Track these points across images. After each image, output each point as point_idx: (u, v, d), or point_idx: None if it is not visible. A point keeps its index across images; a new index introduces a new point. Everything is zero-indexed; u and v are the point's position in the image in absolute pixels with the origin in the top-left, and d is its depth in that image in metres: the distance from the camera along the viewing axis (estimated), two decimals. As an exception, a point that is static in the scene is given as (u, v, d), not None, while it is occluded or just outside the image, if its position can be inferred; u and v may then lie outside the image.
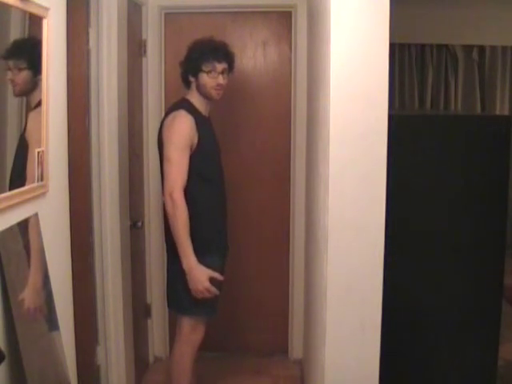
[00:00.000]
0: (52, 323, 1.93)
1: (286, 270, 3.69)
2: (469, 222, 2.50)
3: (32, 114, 1.88)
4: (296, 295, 3.66)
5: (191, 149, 2.57)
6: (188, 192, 2.55)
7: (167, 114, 2.65)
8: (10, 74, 1.73)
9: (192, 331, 2.68)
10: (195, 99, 2.69)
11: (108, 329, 2.87)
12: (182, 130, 2.55)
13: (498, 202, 2.50)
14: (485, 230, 2.50)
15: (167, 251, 2.73)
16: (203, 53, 2.67)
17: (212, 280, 2.58)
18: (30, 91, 1.86)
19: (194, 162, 2.56)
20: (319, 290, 2.30)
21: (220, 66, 2.67)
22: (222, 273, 2.69)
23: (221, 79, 2.67)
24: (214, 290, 2.55)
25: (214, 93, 2.68)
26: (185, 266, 2.52)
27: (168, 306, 2.81)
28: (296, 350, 3.69)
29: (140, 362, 3.33)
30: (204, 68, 2.64)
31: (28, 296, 1.74)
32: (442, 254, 2.48)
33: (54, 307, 1.96)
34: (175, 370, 2.72)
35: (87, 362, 2.67)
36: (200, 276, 2.52)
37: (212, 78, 2.65)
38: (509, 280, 2.77)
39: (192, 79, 2.68)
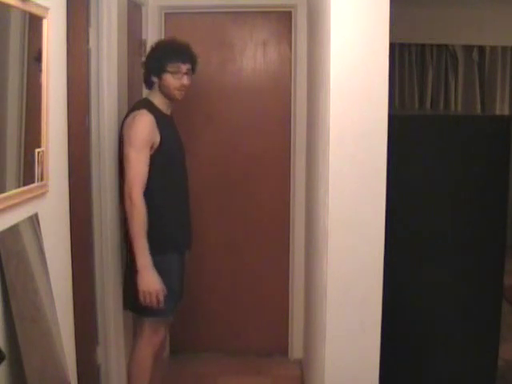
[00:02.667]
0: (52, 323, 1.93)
1: (286, 270, 3.68)
2: (469, 222, 2.50)
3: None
4: (296, 295, 3.66)
5: (152, 148, 2.56)
6: (148, 190, 2.54)
7: (128, 113, 2.64)
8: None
9: (153, 333, 2.66)
10: (157, 99, 2.68)
11: (108, 329, 2.87)
12: (142, 129, 2.54)
13: (498, 202, 2.50)
14: (485, 229, 2.50)
15: (127, 251, 2.70)
16: (167, 53, 2.66)
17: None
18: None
19: (156, 161, 2.55)
20: (319, 289, 2.30)
21: (184, 67, 2.67)
22: (178, 270, 2.68)
23: (185, 80, 2.67)
24: (161, 298, 2.50)
25: (177, 93, 2.68)
26: (139, 265, 2.48)
27: (125, 307, 2.75)
28: (296, 350, 3.69)
29: (140, 361, 3.32)
30: (169, 68, 2.63)
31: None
32: (441, 254, 2.48)
33: (54, 307, 1.96)
34: (135, 372, 2.69)
35: (87, 362, 2.67)
36: (152, 278, 2.48)
37: (176, 79, 2.65)
38: (509, 280, 2.78)
39: (155, 79, 2.66)
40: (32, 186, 1.86)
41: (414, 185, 2.43)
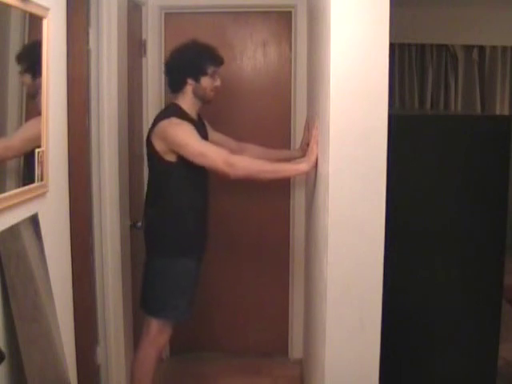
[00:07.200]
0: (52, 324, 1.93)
1: (286, 270, 3.69)
2: (469, 222, 2.50)
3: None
4: (296, 295, 3.66)
5: None
6: (174, 192, 2.61)
7: (157, 121, 2.61)
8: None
9: (159, 333, 2.68)
10: (186, 104, 2.68)
11: (108, 329, 2.87)
12: (186, 127, 2.55)
13: (498, 202, 2.50)
14: (485, 230, 2.50)
15: (146, 250, 2.75)
16: (208, 56, 2.68)
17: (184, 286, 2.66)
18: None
19: (184, 164, 2.56)
20: (319, 289, 2.30)
21: (218, 69, 2.72)
22: (195, 276, 2.71)
23: (218, 81, 2.72)
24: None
25: (212, 95, 2.72)
26: (305, 168, 2.45)
27: (140, 305, 2.79)
28: (296, 350, 3.69)
29: (140, 362, 3.32)
30: (209, 71, 2.67)
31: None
32: (441, 254, 2.48)
33: (54, 307, 1.96)
34: (138, 370, 2.72)
35: (87, 361, 2.67)
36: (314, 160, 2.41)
37: (212, 81, 2.69)
38: (509, 280, 2.77)
39: (191, 82, 2.66)
40: (32, 185, 1.86)
41: (414, 185, 2.43)
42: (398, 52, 5.57)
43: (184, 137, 2.54)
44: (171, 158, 2.58)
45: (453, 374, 2.55)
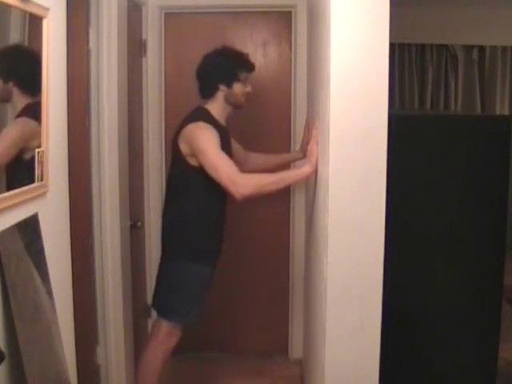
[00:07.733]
0: (52, 323, 1.93)
1: (286, 270, 3.69)
2: (469, 222, 2.50)
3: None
4: (296, 295, 3.66)
5: None
6: (193, 197, 2.61)
7: (185, 124, 2.61)
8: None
9: (168, 335, 2.69)
10: (216, 109, 2.67)
11: (108, 329, 2.87)
12: (210, 134, 2.53)
13: (498, 202, 2.50)
14: (485, 230, 2.50)
15: (162, 250, 2.76)
16: (240, 63, 2.70)
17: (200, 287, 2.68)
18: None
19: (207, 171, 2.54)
20: (319, 289, 2.30)
21: (249, 76, 2.73)
22: (209, 281, 2.72)
23: (250, 88, 2.73)
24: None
25: (243, 100, 2.73)
26: (307, 171, 2.44)
27: (152, 305, 2.81)
28: (296, 350, 3.69)
29: (140, 362, 3.32)
30: (241, 77, 2.68)
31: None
32: (441, 254, 2.48)
33: (54, 307, 1.96)
34: (144, 371, 2.72)
35: (87, 362, 2.67)
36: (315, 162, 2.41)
37: (244, 87, 2.70)
38: (509, 280, 2.77)
39: (223, 88, 2.66)
40: (32, 186, 1.86)
41: (414, 185, 2.43)
42: (398, 52, 5.57)
43: (205, 144, 2.51)
44: (195, 162, 2.56)
45: (453, 374, 2.55)
